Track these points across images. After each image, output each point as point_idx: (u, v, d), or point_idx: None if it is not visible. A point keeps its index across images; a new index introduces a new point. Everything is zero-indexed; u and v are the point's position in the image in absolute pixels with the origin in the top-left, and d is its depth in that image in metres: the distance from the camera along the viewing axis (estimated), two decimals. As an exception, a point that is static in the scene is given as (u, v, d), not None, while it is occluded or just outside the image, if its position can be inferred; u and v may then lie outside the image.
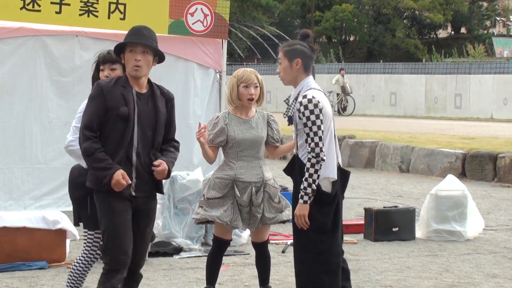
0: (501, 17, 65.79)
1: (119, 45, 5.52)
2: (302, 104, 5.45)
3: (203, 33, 11.51)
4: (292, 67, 5.71)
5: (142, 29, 5.58)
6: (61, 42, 11.03)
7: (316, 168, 5.45)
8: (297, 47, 5.80)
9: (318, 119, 5.45)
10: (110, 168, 5.30)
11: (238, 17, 52.58)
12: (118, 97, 5.38)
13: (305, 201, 5.49)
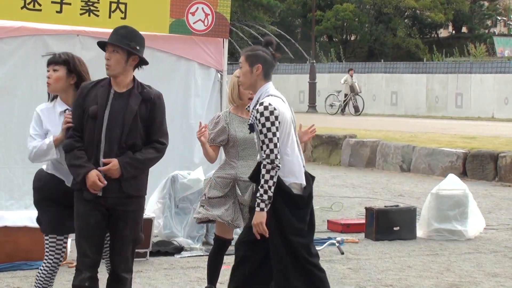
0: (502, 17, 65.70)
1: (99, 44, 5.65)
2: (258, 111, 5.49)
3: (204, 33, 11.50)
4: (252, 72, 5.74)
5: (119, 29, 5.66)
6: (62, 42, 11.01)
7: (272, 175, 5.42)
8: (259, 53, 5.84)
9: (273, 125, 5.47)
10: (84, 167, 5.34)
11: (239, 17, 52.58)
12: (92, 97, 5.46)
13: (261, 208, 5.42)
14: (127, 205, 5.44)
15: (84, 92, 5.51)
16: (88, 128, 5.43)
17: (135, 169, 5.41)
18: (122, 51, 5.56)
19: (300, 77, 39.15)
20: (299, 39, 59.77)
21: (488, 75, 32.30)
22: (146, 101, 5.50)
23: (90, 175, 5.30)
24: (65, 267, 7.94)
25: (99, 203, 5.38)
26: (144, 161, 5.44)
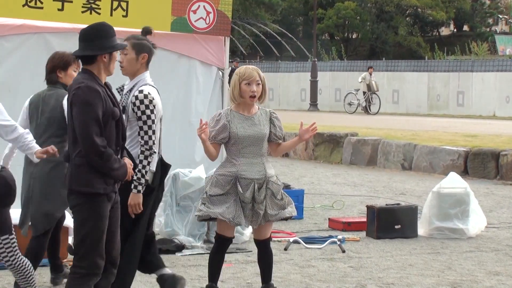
0: (503, 15, 65.66)
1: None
2: (138, 98, 5.96)
3: (205, 31, 11.49)
4: (137, 60, 6.16)
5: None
6: (64, 40, 11.00)
7: (149, 160, 5.97)
8: (145, 42, 6.25)
9: (152, 113, 5.97)
10: (124, 164, 5.41)
11: (241, 15, 52.59)
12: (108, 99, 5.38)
13: (138, 190, 5.98)
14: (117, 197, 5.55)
15: (101, 93, 5.30)
16: (112, 130, 5.35)
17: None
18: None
19: (301, 75, 39.15)
20: (301, 37, 59.78)
21: (490, 74, 32.28)
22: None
23: (129, 166, 5.48)
24: (66, 265, 7.94)
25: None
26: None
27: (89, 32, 5.38)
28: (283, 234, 9.68)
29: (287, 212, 6.46)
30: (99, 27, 5.43)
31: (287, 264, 8.23)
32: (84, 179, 5.26)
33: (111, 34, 5.42)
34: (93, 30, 5.39)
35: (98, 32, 5.38)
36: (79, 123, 5.22)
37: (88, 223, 5.26)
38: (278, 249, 8.81)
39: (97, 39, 5.35)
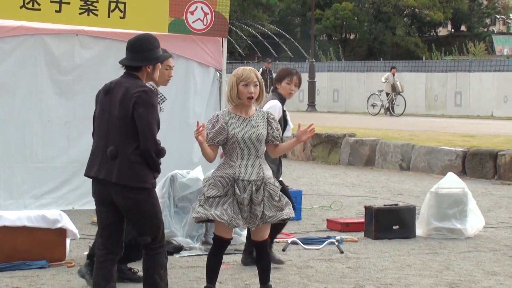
0: (501, 15, 65.72)
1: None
2: None
3: (203, 32, 11.51)
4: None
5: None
6: (61, 41, 11.02)
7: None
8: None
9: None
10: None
11: (239, 16, 52.59)
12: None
13: None
14: None
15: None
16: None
17: None
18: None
19: (299, 76, 39.11)
20: (298, 38, 59.80)
21: (487, 74, 32.30)
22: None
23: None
24: (64, 266, 7.95)
25: None
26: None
27: (136, 44, 5.93)
28: (281, 235, 9.67)
29: (284, 214, 6.46)
30: (145, 39, 5.97)
31: (285, 265, 8.22)
32: (140, 175, 5.79)
33: (156, 46, 5.95)
34: (139, 42, 5.94)
35: (144, 44, 5.92)
36: (145, 123, 5.72)
37: (156, 212, 5.92)
38: (276, 250, 8.81)
39: (143, 51, 5.89)
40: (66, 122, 11.09)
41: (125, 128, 5.76)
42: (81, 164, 11.12)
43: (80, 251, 8.66)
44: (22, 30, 10.74)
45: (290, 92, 8.16)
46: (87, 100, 11.13)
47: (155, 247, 5.98)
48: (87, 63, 11.13)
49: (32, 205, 10.73)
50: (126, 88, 5.81)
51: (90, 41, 11.16)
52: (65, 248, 8.11)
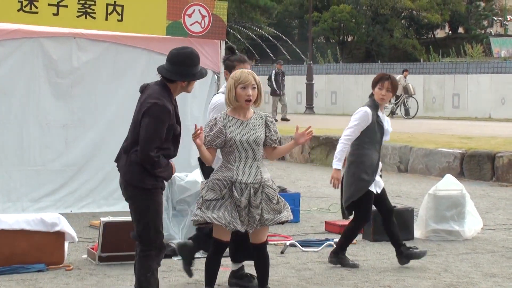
0: (498, 17, 65.74)
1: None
2: None
3: (200, 34, 11.51)
4: None
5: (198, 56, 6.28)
6: (59, 44, 11.02)
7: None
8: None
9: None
10: (171, 165, 6.23)
11: (236, 18, 52.57)
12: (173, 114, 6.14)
13: None
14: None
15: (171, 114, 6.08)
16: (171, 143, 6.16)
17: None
18: None
19: (297, 78, 39.18)
20: (296, 40, 59.77)
21: (485, 76, 32.33)
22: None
23: (174, 168, 6.27)
24: (63, 269, 7.94)
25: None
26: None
27: (177, 57, 6.09)
28: (279, 238, 9.68)
29: (283, 216, 6.46)
30: (187, 54, 6.11)
31: (283, 267, 8.22)
32: (138, 175, 6.06)
33: (195, 63, 6.11)
34: (180, 56, 6.09)
35: (184, 59, 6.08)
36: (145, 134, 5.97)
37: (150, 212, 6.10)
38: (275, 252, 8.81)
39: (182, 66, 6.06)
40: (63, 125, 11.08)
41: (136, 130, 6.09)
42: (79, 167, 11.15)
43: (78, 254, 8.65)
44: (20, 33, 10.74)
45: (382, 97, 8.24)
46: (85, 103, 11.16)
47: (144, 249, 6.15)
48: (84, 66, 11.13)
49: (30, 208, 10.72)
50: (148, 94, 6.09)
51: (88, 44, 11.16)
52: (63, 251, 8.10)
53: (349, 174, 8.25)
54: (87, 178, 11.17)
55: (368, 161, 8.17)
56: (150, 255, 6.16)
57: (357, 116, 8.17)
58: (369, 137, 8.18)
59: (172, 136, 6.11)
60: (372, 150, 8.21)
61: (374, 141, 8.22)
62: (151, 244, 6.14)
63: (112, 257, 8.07)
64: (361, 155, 8.20)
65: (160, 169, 6.06)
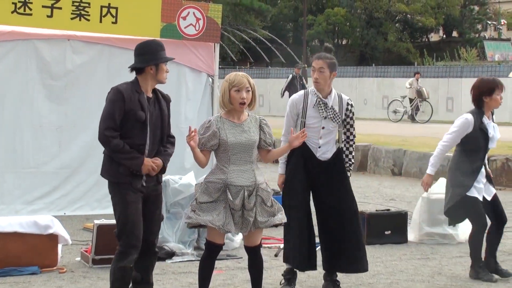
0: (492, 21, 65.87)
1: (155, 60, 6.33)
2: (352, 105, 6.84)
3: (195, 37, 11.51)
4: (330, 77, 7.43)
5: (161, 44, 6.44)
6: (53, 46, 11.00)
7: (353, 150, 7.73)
8: (335, 61, 7.47)
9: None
10: (139, 157, 6.21)
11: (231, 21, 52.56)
12: (135, 102, 6.21)
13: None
14: (157, 190, 6.47)
15: (124, 95, 6.20)
16: (135, 131, 6.23)
17: (168, 162, 6.49)
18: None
19: (292, 81, 39.14)
20: (291, 43, 59.78)
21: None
22: (168, 103, 6.56)
23: (146, 162, 6.24)
24: (56, 272, 7.93)
25: (141, 191, 6.27)
26: (171, 155, 6.57)
27: (138, 48, 6.38)
28: (273, 241, 9.67)
29: (277, 219, 6.44)
30: (147, 43, 6.39)
31: (277, 270, 8.21)
32: (109, 169, 6.28)
33: (156, 50, 6.33)
34: (141, 46, 6.38)
35: (144, 47, 6.35)
36: (101, 115, 6.22)
37: (118, 208, 6.25)
38: (269, 255, 8.80)
39: (145, 54, 6.31)
40: (57, 128, 11.06)
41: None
42: (72, 170, 11.13)
43: (72, 257, 8.64)
44: (14, 35, 10.72)
45: (501, 102, 8.24)
46: (79, 105, 11.14)
47: (117, 248, 6.28)
48: (79, 68, 11.12)
49: (24, 210, 10.70)
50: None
51: (82, 46, 11.15)
52: (57, 254, 8.09)
53: (448, 180, 8.25)
54: (80, 180, 11.15)
55: (466, 167, 8.05)
56: (119, 253, 6.20)
57: (458, 123, 8.19)
58: (471, 144, 8.09)
59: (136, 124, 6.21)
60: (474, 157, 8.08)
61: (477, 148, 8.09)
62: (120, 244, 6.20)
63: (106, 259, 8.05)
64: (460, 161, 8.14)
65: (121, 155, 6.14)
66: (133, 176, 6.22)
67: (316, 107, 7.47)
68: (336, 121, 7.47)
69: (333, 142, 7.53)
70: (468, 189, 8.00)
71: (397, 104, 32.37)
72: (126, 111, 6.17)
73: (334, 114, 7.47)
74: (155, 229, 6.47)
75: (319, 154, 7.46)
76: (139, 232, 6.23)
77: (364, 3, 59.78)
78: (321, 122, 7.46)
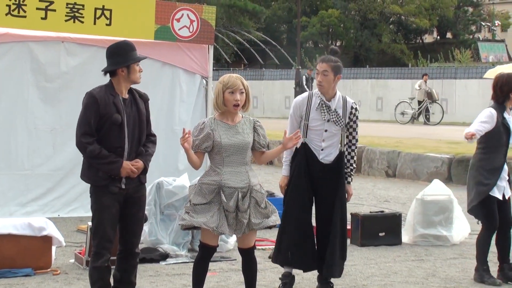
0: (486, 22, 65.97)
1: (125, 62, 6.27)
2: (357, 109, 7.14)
3: (189, 39, 11.51)
4: (334, 80, 7.59)
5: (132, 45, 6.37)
6: (47, 48, 11.00)
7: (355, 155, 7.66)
8: (340, 64, 7.58)
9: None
10: (117, 161, 6.19)
11: (225, 23, 52.59)
12: (110, 104, 6.18)
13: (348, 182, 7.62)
14: (139, 191, 6.43)
15: (98, 100, 6.17)
16: (113, 134, 6.22)
17: (149, 162, 6.43)
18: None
19: (285, 82, 39.20)
20: (285, 45, 59.85)
21: (473, 81, 32.41)
22: (145, 102, 6.46)
23: (125, 165, 6.22)
24: (50, 274, 7.92)
25: (120, 194, 6.26)
26: (152, 154, 6.50)
27: (108, 50, 6.34)
28: (267, 242, 9.67)
29: (271, 221, 6.45)
30: (117, 45, 6.33)
31: (271, 272, 8.22)
32: (87, 172, 6.32)
33: (127, 50, 6.29)
34: (111, 48, 6.33)
35: (114, 49, 6.31)
36: (77, 121, 6.26)
37: (93, 210, 6.29)
38: (263, 257, 8.81)
39: (115, 56, 6.28)
40: (52, 130, 11.06)
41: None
42: (66, 172, 11.13)
43: (66, 258, 8.64)
44: (8, 37, 10.71)
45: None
46: (73, 107, 11.11)
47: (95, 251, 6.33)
48: (73, 70, 11.12)
49: (18, 212, 10.69)
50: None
51: (76, 48, 11.14)
52: (51, 255, 8.08)
53: (470, 177, 8.17)
54: (74, 182, 11.14)
55: (489, 165, 8.02)
56: (94, 254, 6.28)
57: (485, 115, 8.05)
58: (494, 140, 8.05)
59: (113, 126, 6.20)
60: (496, 153, 8.06)
61: (500, 144, 8.06)
62: (96, 245, 6.27)
63: (100, 261, 8.05)
64: (482, 158, 8.09)
65: (98, 160, 6.16)
66: (111, 180, 6.22)
67: (319, 109, 7.49)
68: (339, 125, 7.47)
69: (336, 145, 7.55)
70: (491, 188, 7.98)
71: (404, 106, 32.01)
72: (101, 115, 6.16)
73: (337, 117, 7.47)
74: (136, 230, 6.48)
75: (322, 157, 7.45)
76: (112, 234, 6.28)
77: (358, 5, 59.84)
78: (324, 124, 7.47)
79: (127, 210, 6.35)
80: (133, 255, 6.49)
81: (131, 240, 6.45)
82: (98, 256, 6.26)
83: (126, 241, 6.44)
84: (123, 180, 6.26)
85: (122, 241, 6.46)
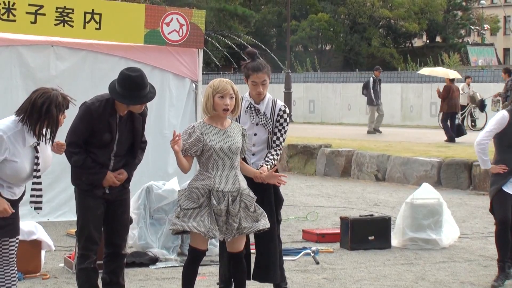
0: (475, 26, 66.17)
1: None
2: (285, 111, 7.19)
3: (178, 43, 11.51)
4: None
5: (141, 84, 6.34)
6: (37, 52, 10.98)
7: (279, 153, 7.30)
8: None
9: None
10: (101, 172, 6.35)
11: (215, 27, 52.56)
12: (104, 122, 6.29)
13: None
14: (123, 195, 6.55)
15: (94, 115, 6.28)
16: (99, 151, 6.36)
17: (134, 170, 6.61)
18: None
19: (275, 86, 39.18)
20: (274, 49, 59.83)
21: (462, 84, 32.47)
22: (144, 116, 6.56)
23: (109, 177, 6.36)
24: (39, 278, 7.91)
25: (104, 198, 6.41)
26: (139, 162, 6.65)
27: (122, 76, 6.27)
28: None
29: (260, 225, 6.46)
30: (134, 79, 6.25)
31: (261, 276, 8.21)
32: (73, 175, 6.47)
33: (134, 89, 6.24)
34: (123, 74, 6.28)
35: (132, 83, 6.23)
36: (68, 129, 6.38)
37: (78, 212, 6.46)
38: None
39: (121, 86, 6.24)
40: (41, 134, 11.03)
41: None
42: (55, 176, 11.10)
43: (55, 263, 8.62)
44: (-3, 41, 10.69)
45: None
46: (63, 111, 11.10)
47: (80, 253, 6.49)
48: (62, 74, 11.10)
49: (9, 216, 10.64)
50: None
51: (66, 52, 11.13)
52: (40, 260, 8.06)
53: (490, 180, 8.26)
54: (64, 186, 11.11)
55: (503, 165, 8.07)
56: (79, 256, 6.42)
57: (495, 120, 8.11)
58: (507, 141, 8.09)
59: (99, 143, 6.33)
60: (509, 153, 8.08)
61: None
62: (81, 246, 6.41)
63: (89, 266, 8.04)
64: (497, 160, 8.14)
65: (82, 170, 6.32)
66: (94, 186, 6.39)
67: (248, 113, 7.29)
68: (266, 128, 7.23)
69: (267, 150, 7.30)
70: (504, 184, 8.01)
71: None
72: (92, 131, 6.29)
73: (266, 120, 7.25)
74: (122, 232, 6.58)
75: (253, 161, 7.24)
76: (97, 236, 6.41)
77: (347, 9, 59.97)
78: (253, 128, 7.22)
79: (112, 212, 6.47)
80: (120, 256, 6.58)
81: (117, 242, 6.54)
82: (83, 257, 6.38)
83: (112, 243, 6.53)
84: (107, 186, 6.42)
85: (108, 244, 6.56)
